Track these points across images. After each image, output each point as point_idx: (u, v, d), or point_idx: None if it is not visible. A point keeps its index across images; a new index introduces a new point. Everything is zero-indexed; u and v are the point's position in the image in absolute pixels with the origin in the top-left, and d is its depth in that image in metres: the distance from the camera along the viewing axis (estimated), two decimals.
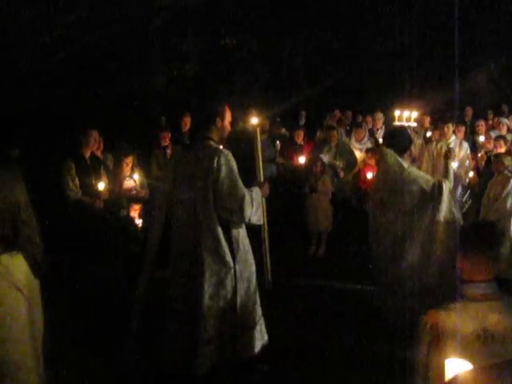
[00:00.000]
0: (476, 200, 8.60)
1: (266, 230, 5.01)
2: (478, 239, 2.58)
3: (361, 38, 16.22)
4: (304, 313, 6.20)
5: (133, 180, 8.22)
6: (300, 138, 10.03)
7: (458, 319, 2.53)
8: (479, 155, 9.12)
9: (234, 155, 4.64)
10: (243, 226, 4.74)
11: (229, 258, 4.60)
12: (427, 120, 11.16)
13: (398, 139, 5.99)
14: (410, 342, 2.72)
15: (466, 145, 8.82)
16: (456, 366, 2.13)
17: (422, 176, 5.92)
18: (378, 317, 5.72)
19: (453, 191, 8.46)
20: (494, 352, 2.32)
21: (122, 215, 7.78)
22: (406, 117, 9.31)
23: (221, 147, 4.76)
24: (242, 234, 4.73)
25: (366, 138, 10.32)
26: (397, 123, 9.11)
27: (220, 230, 4.54)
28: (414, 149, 9.05)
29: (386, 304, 5.70)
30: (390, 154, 5.79)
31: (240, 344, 4.71)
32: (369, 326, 5.69)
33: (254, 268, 4.82)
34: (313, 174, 8.69)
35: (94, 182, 7.40)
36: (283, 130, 11.57)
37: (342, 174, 9.11)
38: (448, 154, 6.59)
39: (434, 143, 8.90)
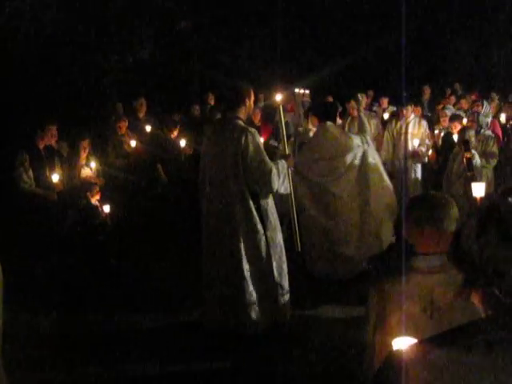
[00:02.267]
0: (434, 177, 8.72)
1: (293, 199, 5.36)
2: (426, 212, 2.50)
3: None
4: None
5: (89, 168, 8.07)
6: (257, 118, 9.96)
7: (404, 291, 2.47)
8: (436, 133, 9.22)
9: None
10: (271, 196, 5.16)
11: (260, 225, 5.01)
12: (385, 100, 11.24)
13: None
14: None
15: (424, 123, 8.87)
16: (402, 343, 2.11)
17: None
18: None
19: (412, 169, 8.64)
20: (440, 325, 2.25)
21: (83, 204, 7.62)
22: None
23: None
24: (270, 203, 5.14)
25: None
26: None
27: (250, 201, 4.99)
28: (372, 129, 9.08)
29: None
30: None
31: (281, 304, 5.11)
32: None
33: (281, 235, 5.22)
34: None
35: (48, 173, 7.26)
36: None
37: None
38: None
39: (394, 122, 8.96)
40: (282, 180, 5.06)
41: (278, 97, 5.50)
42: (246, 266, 4.97)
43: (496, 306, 1.45)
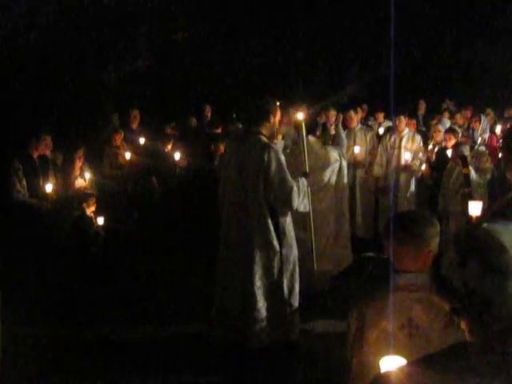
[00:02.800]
0: (429, 192, 8.74)
1: (312, 218, 5.48)
2: (407, 230, 2.48)
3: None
4: None
5: (83, 179, 8.08)
6: None
7: (383, 309, 2.45)
8: (429, 148, 9.25)
9: None
10: (289, 213, 5.18)
11: (276, 242, 5.04)
12: (381, 115, 11.28)
13: None
14: None
15: (418, 137, 8.91)
16: (390, 363, 2.10)
17: None
18: None
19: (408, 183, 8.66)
20: (419, 343, 2.26)
21: (77, 215, 7.62)
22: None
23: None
24: (287, 221, 5.17)
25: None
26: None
27: (268, 218, 5.01)
28: (366, 143, 9.12)
29: None
30: None
31: (288, 323, 5.14)
32: None
33: (297, 253, 5.23)
34: None
35: (41, 183, 7.25)
36: (239, 126, 11.49)
37: None
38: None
39: (388, 136, 8.99)
40: (301, 198, 5.09)
41: (300, 115, 5.54)
42: (257, 283, 5.01)
43: (484, 333, 1.44)
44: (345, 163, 6.80)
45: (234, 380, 4.75)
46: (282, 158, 5.03)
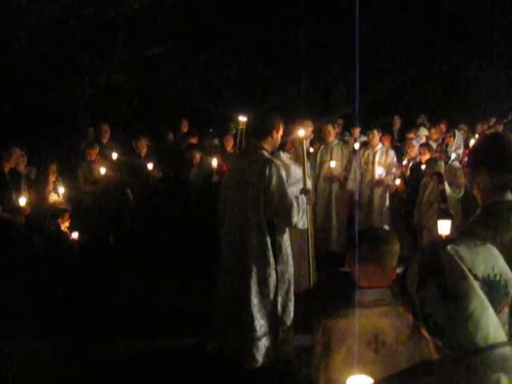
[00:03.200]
0: (403, 206, 8.82)
1: (312, 234, 5.50)
2: (371, 247, 2.51)
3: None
4: None
5: (57, 194, 8.01)
6: (230, 145, 9.96)
7: (348, 326, 2.46)
8: (404, 163, 9.33)
9: None
10: (287, 230, 5.19)
11: (272, 259, 5.01)
12: (356, 130, 11.37)
13: None
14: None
15: (392, 152, 8.98)
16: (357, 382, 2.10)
17: None
18: None
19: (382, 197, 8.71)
20: (386, 359, 2.27)
21: (52, 229, 7.56)
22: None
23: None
24: (285, 237, 5.17)
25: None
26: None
27: (267, 233, 4.99)
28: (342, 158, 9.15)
29: None
30: None
31: (281, 341, 5.10)
32: None
33: (292, 270, 5.21)
34: None
35: (14, 197, 7.17)
36: (216, 141, 11.48)
37: None
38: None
39: (362, 151, 9.05)
40: (301, 215, 5.07)
41: (302, 132, 5.55)
42: (254, 300, 4.97)
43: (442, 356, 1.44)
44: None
45: None
46: (284, 173, 5.02)
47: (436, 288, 1.41)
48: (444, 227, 5.45)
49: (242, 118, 7.21)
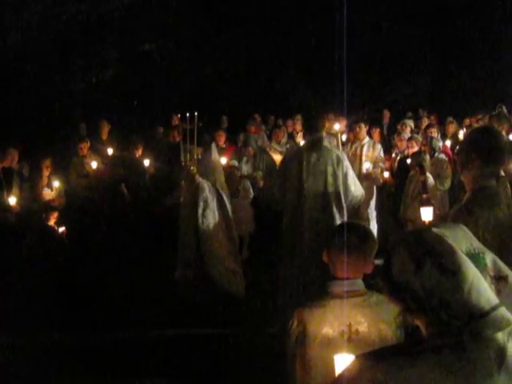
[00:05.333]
0: (391, 199, 8.91)
1: None
2: (357, 238, 2.61)
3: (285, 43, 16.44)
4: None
5: (51, 189, 8.08)
6: (222, 140, 10.05)
7: (322, 316, 2.57)
8: (393, 156, 9.41)
9: None
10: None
11: None
12: (343, 123, 11.42)
13: None
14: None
15: (379, 146, 9.00)
16: (344, 360, 2.21)
17: None
18: None
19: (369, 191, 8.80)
20: (359, 348, 2.34)
21: (40, 226, 7.64)
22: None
23: None
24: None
25: (284, 140, 10.46)
26: None
27: (345, 215, 5.56)
28: None
29: None
30: None
31: None
32: None
33: None
34: (234, 179, 8.70)
35: (5, 195, 7.25)
36: (206, 137, 11.52)
37: (261, 183, 9.15)
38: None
39: (349, 145, 9.12)
40: None
41: (337, 126, 5.88)
42: None
43: (440, 327, 1.51)
44: None
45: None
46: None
47: (433, 268, 1.49)
48: (426, 214, 5.57)
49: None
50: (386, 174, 8.91)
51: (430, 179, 7.58)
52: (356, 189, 5.70)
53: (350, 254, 2.58)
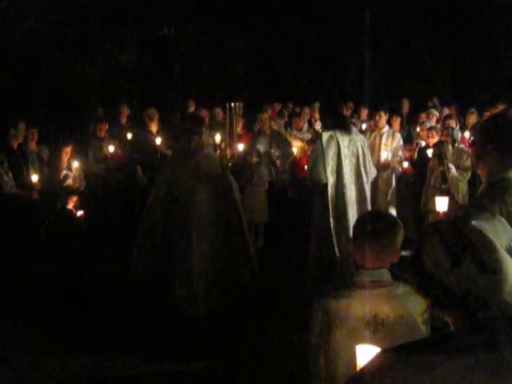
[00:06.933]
0: (411, 189, 8.81)
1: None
2: (385, 226, 2.54)
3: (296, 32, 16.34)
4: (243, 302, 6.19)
5: (71, 171, 8.11)
6: (239, 127, 9.98)
7: (348, 307, 2.51)
8: (413, 146, 9.30)
9: None
10: None
11: None
12: (364, 112, 11.35)
13: None
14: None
15: (398, 135, 8.92)
16: (366, 351, 2.15)
17: None
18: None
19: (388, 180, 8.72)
20: (384, 339, 2.29)
21: (58, 209, 7.68)
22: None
23: None
24: None
25: (306, 127, 10.38)
26: None
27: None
28: None
29: None
30: None
31: None
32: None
33: None
34: (249, 166, 8.66)
35: (25, 173, 7.28)
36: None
37: (278, 163, 9.11)
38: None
39: (368, 133, 9.03)
40: None
41: None
42: None
43: (477, 327, 1.42)
44: None
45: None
46: None
47: (472, 265, 1.40)
48: (441, 204, 5.45)
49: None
50: (406, 164, 8.81)
51: (453, 170, 7.48)
52: (372, 169, 6.44)
53: (376, 243, 2.51)
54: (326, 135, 6.03)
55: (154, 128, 9.45)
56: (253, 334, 5.40)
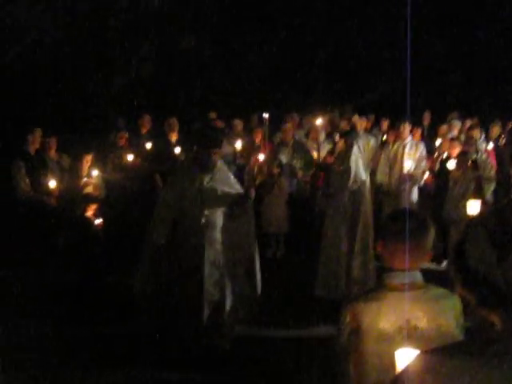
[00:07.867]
0: (431, 200, 8.73)
1: None
2: (413, 225, 2.37)
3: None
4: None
5: (91, 179, 8.10)
6: (259, 138, 9.93)
7: (378, 310, 2.40)
8: (435, 156, 9.23)
9: None
10: None
11: None
12: (385, 123, 11.26)
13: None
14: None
15: (421, 146, 8.87)
16: (406, 355, 2.06)
17: None
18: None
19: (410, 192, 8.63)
20: (418, 343, 2.17)
21: (77, 215, 7.64)
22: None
23: None
24: None
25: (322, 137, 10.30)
26: None
27: None
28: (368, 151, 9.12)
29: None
30: None
31: None
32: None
33: None
34: (270, 176, 8.62)
35: (43, 179, 7.29)
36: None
37: (300, 174, 9.05)
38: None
39: (391, 144, 8.96)
40: None
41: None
42: None
43: None
44: None
45: None
46: None
47: None
48: (473, 208, 5.36)
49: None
50: (427, 175, 8.74)
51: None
52: None
53: (408, 243, 2.36)
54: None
55: (173, 138, 9.44)
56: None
